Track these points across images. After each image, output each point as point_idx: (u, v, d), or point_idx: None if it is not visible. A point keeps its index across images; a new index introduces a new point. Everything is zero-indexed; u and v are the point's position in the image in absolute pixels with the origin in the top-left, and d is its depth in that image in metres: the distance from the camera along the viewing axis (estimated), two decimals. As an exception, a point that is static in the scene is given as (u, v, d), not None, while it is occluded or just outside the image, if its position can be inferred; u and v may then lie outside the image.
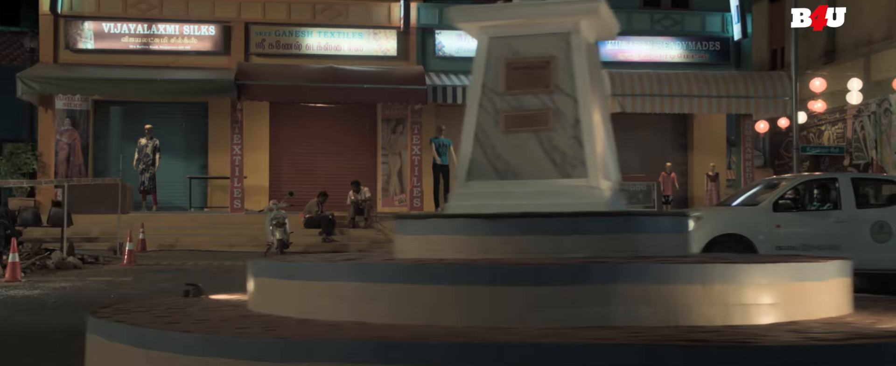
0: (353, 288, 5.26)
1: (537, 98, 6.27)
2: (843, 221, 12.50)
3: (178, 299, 7.01)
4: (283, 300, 5.65)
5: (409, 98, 20.67)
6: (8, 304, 10.45)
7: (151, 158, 20.49)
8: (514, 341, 4.15)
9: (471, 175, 6.36)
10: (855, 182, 12.98)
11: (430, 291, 5.02)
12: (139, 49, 21.19)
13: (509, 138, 6.30)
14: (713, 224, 12.30)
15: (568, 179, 6.13)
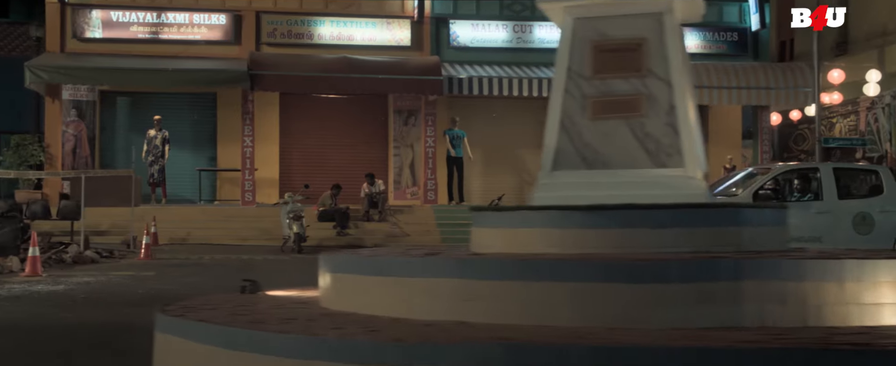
0: (451, 285, 4.90)
1: (628, 83, 5.91)
2: (825, 212, 12.25)
3: (239, 296, 6.63)
4: (369, 298, 5.28)
5: (424, 89, 20.28)
6: (37, 299, 10.05)
7: (161, 149, 20.06)
8: (658, 345, 3.80)
9: (556, 165, 6.01)
10: (837, 172, 12.72)
11: (538, 288, 4.67)
12: (148, 38, 20.73)
13: (598, 125, 5.94)
14: None
15: (663, 168, 5.77)
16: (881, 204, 12.52)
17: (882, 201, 12.56)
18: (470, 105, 22.02)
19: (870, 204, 12.49)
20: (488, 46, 21.67)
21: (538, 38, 21.82)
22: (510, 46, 21.74)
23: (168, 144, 20.10)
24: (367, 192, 19.91)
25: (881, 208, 12.46)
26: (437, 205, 20.98)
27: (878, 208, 12.46)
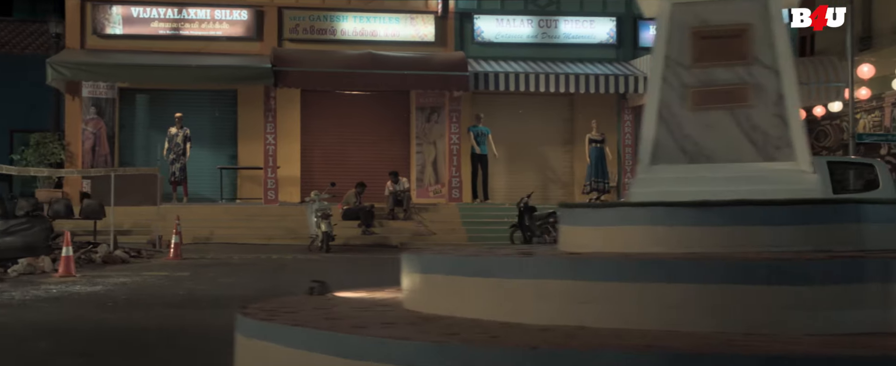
0: (565, 287, 4.57)
1: (732, 71, 5.58)
2: None
3: (314, 298, 6.30)
4: (468, 300, 4.95)
5: (450, 85, 19.96)
6: (77, 300, 9.73)
7: (182, 147, 19.75)
8: (842, 354, 3.47)
9: (655, 158, 5.68)
10: (831, 166, 12.22)
11: (666, 290, 4.33)
12: (169, 35, 20.40)
13: (699, 117, 5.61)
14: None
15: (771, 162, 5.45)
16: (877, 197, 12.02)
17: (877, 195, 12.08)
18: (493, 101, 21.71)
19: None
20: (513, 42, 21.34)
21: (564, 34, 21.50)
22: (535, 42, 21.42)
23: (189, 142, 19.78)
24: (392, 190, 19.60)
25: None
26: (462, 203, 20.67)
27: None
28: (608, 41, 21.61)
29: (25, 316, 8.63)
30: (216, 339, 7.50)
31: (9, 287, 10.79)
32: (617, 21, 21.59)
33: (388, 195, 19.58)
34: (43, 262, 12.45)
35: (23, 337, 7.45)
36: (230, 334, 7.55)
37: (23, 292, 10.34)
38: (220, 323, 8.22)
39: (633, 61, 21.24)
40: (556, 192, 22.05)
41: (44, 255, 12.74)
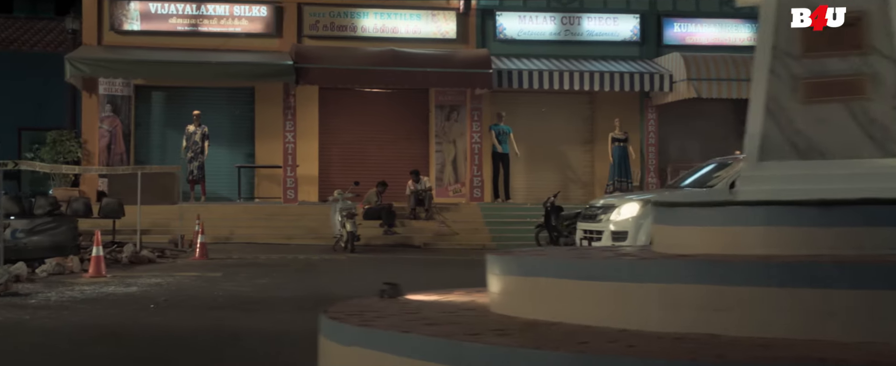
0: (695, 292, 4.25)
1: (846, 62, 5.28)
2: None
3: (389, 301, 5.97)
4: (577, 305, 4.64)
5: (474, 82, 19.63)
6: (114, 302, 9.40)
7: (200, 145, 19.40)
8: None
9: (763, 154, 5.35)
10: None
11: (811, 296, 4.02)
12: (187, 31, 20.05)
13: (811, 110, 5.30)
14: None
15: (893, 158, 5.12)
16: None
17: None
18: (513, 100, 21.40)
19: None
20: (535, 39, 21.01)
21: (587, 31, 21.19)
22: (558, 39, 21.10)
23: (208, 140, 19.44)
24: (413, 189, 19.28)
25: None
26: (484, 203, 20.35)
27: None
28: (631, 38, 21.30)
29: (69, 318, 8.31)
30: (277, 341, 7.21)
31: (41, 288, 10.46)
32: (640, 18, 21.29)
33: (410, 194, 19.26)
34: (71, 262, 12.11)
35: (77, 341, 7.14)
36: (291, 337, 7.29)
37: (58, 293, 10.01)
38: (275, 326, 7.92)
39: (657, 59, 20.94)
40: (576, 191, 21.74)
41: (73, 254, 12.40)
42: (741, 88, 19.69)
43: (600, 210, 12.64)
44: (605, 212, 12.43)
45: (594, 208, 12.99)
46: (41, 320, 8.19)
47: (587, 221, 12.87)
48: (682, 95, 19.78)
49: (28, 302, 9.35)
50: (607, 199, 13.63)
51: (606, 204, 12.78)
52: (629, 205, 12.17)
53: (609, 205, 12.59)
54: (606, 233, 12.04)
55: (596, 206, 13.09)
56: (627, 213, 12.04)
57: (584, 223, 12.94)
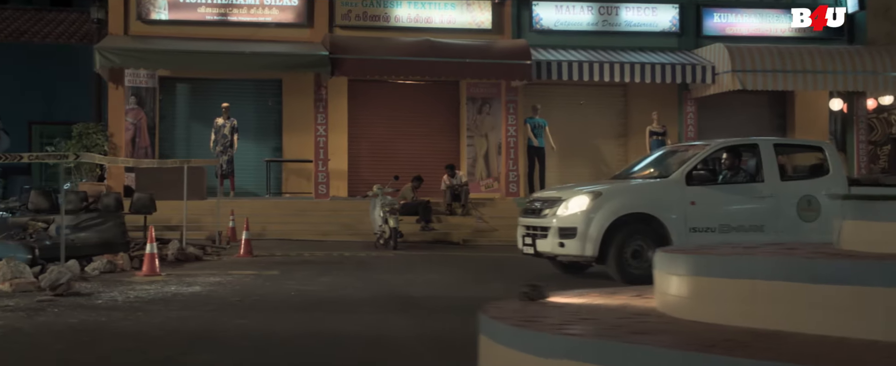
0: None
1: None
2: (767, 196, 10.81)
3: (536, 304, 5.45)
4: (776, 309, 4.13)
5: (513, 73, 19.06)
6: (185, 303, 8.82)
7: (229, 139, 18.82)
8: None
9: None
10: (778, 149, 11.21)
11: None
12: (216, 20, 19.41)
13: None
14: (617, 202, 10.58)
15: None
16: (827, 186, 10.95)
17: (828, 182, 11.01)
18: (547, 92, 20.87)
19: (815, 186, 10.98)
20: (572, 30, 20.46)
21: (625, 21, 20.65)
22: (595, 30, 20.55)
23: (237, 133, 18.85)
24: (448, 184, 18.74)
25: (827, 191, 10.86)
26: (520, 197, 19.80)
27: (824, 191, 10.86)
28: (670, 29, 20.78)
29: (149, 321, 7.75)
30: (377, 344, 6.68)
31: (100, 287, 9.88)
32: (680, 8, 20.76)
33: (445, 189, 18.72)
34: (121, 259, 11.52)
35: (173, 347, 6.58)
36: (390, 339, 6.78)
37: (120, 293, 9.43)
38: (370, 329, 7.39)
39: (696, 50, 20.42)
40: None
41: (123, 252, 11.81)
42: (787, 80, 19.22)
43: (544, 204, 11.15)
44: (550, 206, 10.95)
45: (538, 202, 11.44)
46: (119, 323, 7.63)
47: (530, 217, 11.30)
48: (726, 87, 19.26)
49: (94, 302, 8.78)
50: (552, 191, 12.17)
51: (551, 197, 11.29)
52: (578, 198, 10.72)
53: (554, 198, 11.10)
54: (553, 229, 10.66)
55: (539, 199, 11.56)
56: (576, 206, 10.57)
57: (526, 218, 11.38)
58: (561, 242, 10.54)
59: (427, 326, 7.67)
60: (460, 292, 9.82)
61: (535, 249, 10.92)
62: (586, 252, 10.37)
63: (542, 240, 10.79)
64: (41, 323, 7.57)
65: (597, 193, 10.58)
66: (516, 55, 18.96)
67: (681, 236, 10.29)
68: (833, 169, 11.10)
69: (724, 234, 10.37)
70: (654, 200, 10.62)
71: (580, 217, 10.43)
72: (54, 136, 25.01)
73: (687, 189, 10.59)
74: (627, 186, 11.24)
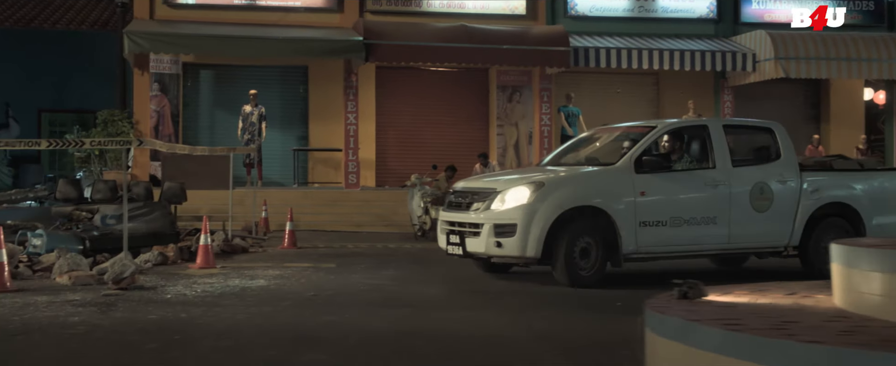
0: None
1: None
2: (719, 183, 9.62)
3: (695, 302, 4.97)
4: None
5: (551, 60, 18.55)
6: (257, 298, 8.32)
7: (257, 126, 18.24)
8: None
9: None
10: (727, 131, 10.05)
11: None
12: (244, 5, 18.85)
13: None
14: (562, 193, 9.10)
15: None
16: (779, 171, 10.02)
17: (780, 168, 10.04)
18: (579, 80, 20.37)
19: (766, 172, 9.97)
20: (608, 16, 19.96)
21: (661, 7, 20.17)
22: (631, 16, 20.06)
23: (265, 121, 18.29)
24: (481, 172, 18.21)
25: (779, 177, 10.01)
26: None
27: (776, 177, 9.97)
28: (708, 16, 20.30)
29: (230, 317, 7.25)
30: (497, 344, 6.20)
31: (159, 280, 9.36)
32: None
33: (478, 179, 18.18)
34: (171, 251, 10.99)
35: (276, 345, 6.06)
36: (504, 339, 6.30)
37: (185, 287, 8.93)
38: (481, 328, 6.88)
39: (734, 37, 19.94)
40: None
41: (172, 243, 11.29)
42: (831, 68, 18.76)
43: (474, 196, 9.50)
44: (481, 199, 9.35)
45: (463, 194, 9.76)
46: (202, 319, 7.12)
47: (456, 211, 9.67)
48: (769, 75, 18.79)
49: (163, 297, 8.27)
50: (480, 180, 10.37)
51: (482, 188, 9.60)
52: (517, 189, 9.17)
53: (485, 190, 9.48)
54: (487, 227, 9.08)
55: (467, 191, 9.80)
56: (515, 199, 9.08)
57: (451, 213, 9.75)
58: (498, 241, 9.01)
59: (531, 324, 7.19)
60: (538, 286, 9.33)
61: (465, 250, 9.38)
62: (528, 252, 8.92)
63: (474, 239, 9.24)
64: (119, 319, 7.06)
65: (539, 184, 9.08)
66: (554, 41, 18.45)
67: (630, 232, 9.11)
68: (784, 153, 10.12)
69: (676, 228, 9.32)
70: (601, 191, 9.22)
71: (520, 212, 8.93)
72: (65, 124, 24.48)
73: (636, 178, 9.26)
74: (571, 176, 9.58)
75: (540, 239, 8.88)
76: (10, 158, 24.65)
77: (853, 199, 10.31)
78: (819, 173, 10.41)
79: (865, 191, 10.48)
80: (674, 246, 9.47)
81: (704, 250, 9.86)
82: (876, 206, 10.40)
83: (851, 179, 10.56)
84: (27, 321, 6.91)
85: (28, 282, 9.03)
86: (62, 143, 10.18)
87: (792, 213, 9.95)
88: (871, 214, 10.31)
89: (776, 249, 10.05)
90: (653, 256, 9.47)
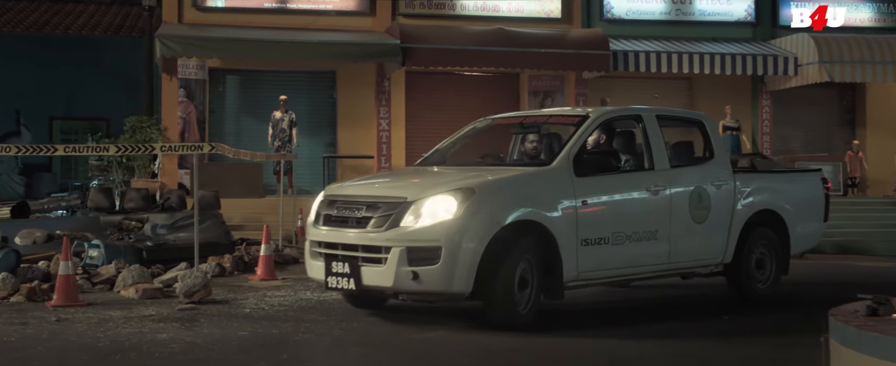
0: None
1: None
2: (660, 188, 7.78)
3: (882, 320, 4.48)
4: None
5: (590, 64, 18.08)
6: (344, 312, 7.75)
7: (288, 133, 17.70)
8: None
9: None
10: (661, 122, 8.16)
11: None
12: (275, 8, 18.33)
13: None
14: (498, 203, 6.80)
15: None
16: (714, 173, 8.31)
17: (715, 169, 8.36)
18: (611, 85, 19.91)
19: (703, 173, 8.24)
20: (645, 19, 19.52)
21: (699, 10, 19.74)
22: (668, 19, 19.64)
23: (295, 128, 17.76)
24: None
25: (715, 180, 8.28)
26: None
27: (712, 180, 8.24)
28: (745, 19, 19.88)
29: (345, 335, 6.71)
30: None
31: (227, 293, 8.82)
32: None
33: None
34: (227, 262, 10.47)
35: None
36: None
37: (259, 300, 8.39)
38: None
39: (773, 41, 19.53)
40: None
41: (227, 253, 10.76)
42: (875, 71, 18.33)
43: (367, 207, 6.90)
44: (382, 211, 6.79)
45: (352, 204, 7.07)
46: (299, 336, 6.62)
47: (338, 228, 7.05)
48: (812, 79, 18.37)
49: (242, 311, 7.74)
50: (372, 185, 7.62)
51: (379, 197, 7.01)
52: (440, 199, 6.68)
53: (387, 199, 6.90)
54: (396, 253, 6.56)
55: (354, 199, 7.14)
56: (436, 212, 6.62)
57: (330, 231, 7.10)
58: (413, 271, 6.51)
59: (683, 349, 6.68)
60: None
61: (359, 283, 6.78)
62: (455, 286, 6.53)
63: (374, 268, 6.68)
64: (209, 336, 6.53)
65: (468, 191, 6.67)
66: (593, 45, 17.99)
67: (571, 253, 7.03)
68: (717, 151, 8.50)
69: (618, 246, 7.37)
70: (539, 200, 7.00)
71: (446, 230, 6.53)
72: (76, 131, 23.93)
73: (577, 182, 7.19)
74: (504, 180, 7.14)
75: (472, 266, 6.52)
76: (21, 166, 24.11)
77: (779, 206, 8.91)
78: (747, 176, 8.80)
79: (789, 196, 9.13)
80: (614, 269, 7.53)
81: (643, 272, 7.89)
82: (798, 213, 9.11)
83: (775, 183, 9.19)
84: (114, 339, 6.38)
85: (92, 295, 8.49)
86: (130, 148, 9.66)
87: (727, 223, 8.34)
88: (795, 223, 9.03)
89: (710, 266, 8.38)
90: (589, 282, 7.49)
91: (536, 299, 6.95)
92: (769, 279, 8.87)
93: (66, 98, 24.25)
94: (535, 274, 6.90)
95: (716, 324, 7.55)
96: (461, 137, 9.01)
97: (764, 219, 8.72)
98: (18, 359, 5.70)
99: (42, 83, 23.66)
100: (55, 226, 10.84)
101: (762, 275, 8.82)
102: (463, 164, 8.10)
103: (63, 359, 5.75)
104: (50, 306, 7.74)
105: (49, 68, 23.69)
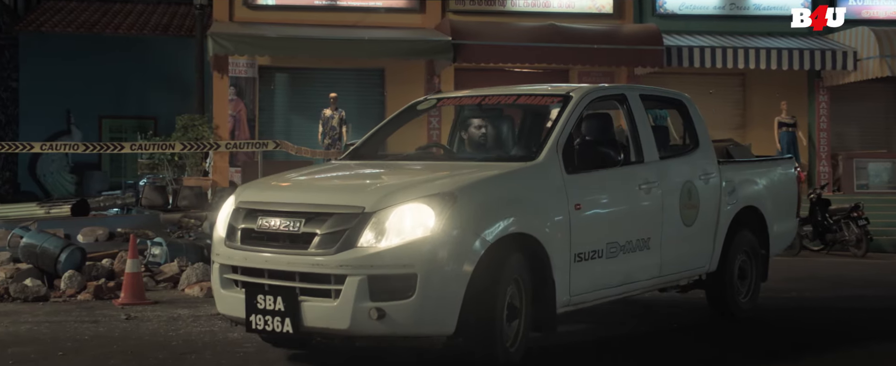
0: None
1: None
2: (651, 185, 6.43)
3: None
4: None
5: (644, 60, 17.83)
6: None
7: (338, 131, 17.62)
8: None
9: None
10: (646, 103, 6.87)
11: None
12: (325, 6, 18.29)
13: None
14: (482, 211, 5.20)
15: None
16: (702, 165, 7.11)
17: (702, 160, 7.15)
18: (660, 81, 19.56)
19: (691, 165, 7.01)
20: (699, 14, 19.23)
21: (754, 5, 19.39)
22: (722, 14, 19.32)
23: (346, 125, 17.68)
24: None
25: (703, 173, 7.05)
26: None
27: (700, 173, 7.01)
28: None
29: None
30: None
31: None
32: (812, -9, 19.52)
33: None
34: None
35: None
36: None
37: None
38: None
39: (829, 35, 19.12)
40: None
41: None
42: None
43: (306, 219, 5.11)
44: (330, 225, 5.03)
45: (281, 214, 5.24)
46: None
47: (265, 247, 5.21)
48: (872, 74, 17.96)
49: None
50: (308, 189, 5.77)
51: (322, 205, 5.22)
52: (409, 208, 5.03)
53: (335, 208, 5.13)
54: (352, 284, 4.86)
55: (284, 207, 5.30)
56: (407, 226, 4.97)
57: (249, 251, 5.26)
58: (378, 308, 4.85)
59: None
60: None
61: (298, 325, 5.02)
62: (435, 326, 5.00)
63: (321, 304, 4.97)
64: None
65: (450, 197, 5.08)
66: (646, 40, 17.75)
67: (564, 272, 5.59)
68: (701, 139, 7.27)
69: (611, 259, 6.02)
70: (531, 206, 5.51)
71: (423, 251, 4.91)
72: (125, 130, 24.07)
73: (568, 180, 5.74)
74: (484, 181, 5.50)
75: (457, 298, 4.95)
76: (72, 164, 24.31)
77: (761, 201, 7.68)
78: (730, 167, 7.49)
79: (768, 190, 7.88)
80: (607, 288, 6.13)
81: (635, 289, 6.51)
82: (776, 209, 7.94)
83: (755, 175, 7.86)
84: (186, 338, 6.31)
85: (156, 293, 8.46)
86: (195, 146, 9.59)
87: (714, 224, 7.11)
88: (773, 221, 7.83)
89: (694, 277, 7.15)
90: (579, 307, 5.95)
91: (526, 332, 5.44)
92: (750, 291, 7.61)
93: (114, 97, 24.39)
94: (524, 300, 5.38)
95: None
96: (399, 120, 7.31)
97: (745, 217, 7.48)
98: (96, 357, 5.65)
99: (91, 82, 23.80)
100: (115, 224, 10.84)
101: (743, 286, 7.56)
102: (410, 158, 6.68)
103: (140, 358, 5.67)
104: (117, 304, 7.71)
105: (98, 68, 23.85)
